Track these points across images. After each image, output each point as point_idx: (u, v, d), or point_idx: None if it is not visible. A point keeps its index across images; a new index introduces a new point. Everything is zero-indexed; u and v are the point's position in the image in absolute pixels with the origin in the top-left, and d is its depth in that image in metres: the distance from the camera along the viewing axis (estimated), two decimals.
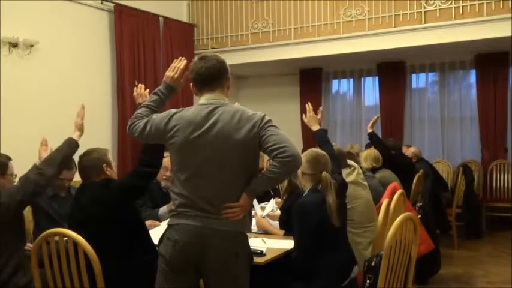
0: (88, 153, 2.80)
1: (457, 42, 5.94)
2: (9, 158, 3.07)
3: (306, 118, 3.41)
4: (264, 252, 2.76)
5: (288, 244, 2.93)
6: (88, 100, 6.03)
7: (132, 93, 2.73)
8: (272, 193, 4.55)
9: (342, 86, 8.15)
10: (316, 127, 3.33)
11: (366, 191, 3.58)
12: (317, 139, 3.32)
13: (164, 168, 3.56)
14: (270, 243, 3.02)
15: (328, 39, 6.63)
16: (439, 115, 7.33)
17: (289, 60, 7.04)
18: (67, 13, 5.81)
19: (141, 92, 2.65)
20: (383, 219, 3.10)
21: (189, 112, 2.24)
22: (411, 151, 6.15)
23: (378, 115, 5.51)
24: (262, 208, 3.92)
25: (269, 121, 2.19)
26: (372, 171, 4.68)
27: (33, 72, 5.42)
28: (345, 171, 3.47)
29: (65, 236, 2.36)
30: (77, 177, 4.24)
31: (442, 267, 4.70)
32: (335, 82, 8.14)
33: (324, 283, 2.65)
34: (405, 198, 3.56)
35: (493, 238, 6.31)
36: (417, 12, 6.14)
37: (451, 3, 5.95)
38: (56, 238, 2.39)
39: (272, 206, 3.99)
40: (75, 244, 2.32)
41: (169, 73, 2.43)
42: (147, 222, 3.27)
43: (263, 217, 3.61)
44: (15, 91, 5.18)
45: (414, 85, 7.60)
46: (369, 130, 5.12)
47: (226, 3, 7.42)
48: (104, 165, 2.76)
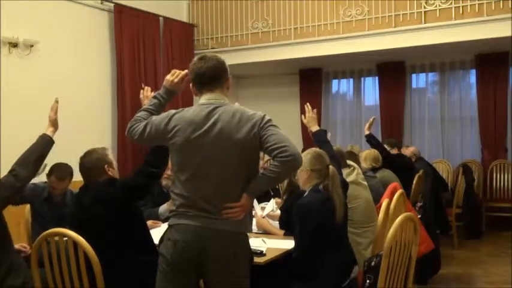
0: (88, 154, 2.78)
1: (457, 42, 5.93)
2: None
3: (305, 119, 3.41)
4: (264, 252, 2.76)
5: (288, 244, 2.93)
6: (88, 100, 6.11)
7: (132, 93, 2.74)
8: (272, 193, 4.56)
9: (342, 86, 8.15)
10: (315, 128, 3.33)
11: (366, 191, 3.58)
12: (316, 139, 3.32)
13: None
14: (270, 243, 3.02)
15: (328, 39, 6.63)
16: (439, 115, 7.33)
17: (289, 60, 7.03)
18: (67, 13, 5.81)
19: (148, 94, 2.65)
20: (383, 219, 3.10)
21: (189, 112, 2.24)
22: (410, 150, 6.15)
23: (374, 117, 5.42)
24: (262, 208, 3.92)
25: (269, 121, 2.19)
26: (372, 171, 4.69)
27: (33, 72, 5.42)
28: (345, 171, 3.47)
29: (65, 236, 2.36)
30: (75, 178, 4.23)
31: (442, 267, 4.70)
32: (335, 82, 8.14)
33: (324, 283, 2.65)
34: (405, 198, 3.57)
35: (493, 238, 6.31)
36: (417, 12, 6.14)
37: (451, 3, 5.94)
38: (56, 238, 2.39)
39: (272, 206, 3.99)
40: (75, 244, 2.32)
41: (169, 77, 2.44)
42: (148, 222, 3.28)
43: (263, 217, 3.62)
44: (15, 91, 5.18)
45: (414, 85, 7.59)
46: (366, 132, 5.13)
47: (226, 3, 7.42)
48: (106, 165, 2.75)
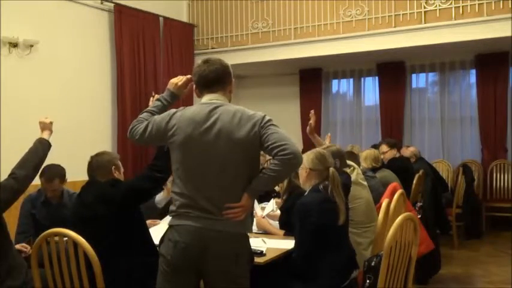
0: (100, 154, 2.84)
1: (457, 42, 5.93)
2: None
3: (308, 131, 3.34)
4: (264, 252, 2.76)
5: (288, 244, 2.93)
6: (88, 100, 6.11)
7: (132, 93, 2.74)
8: (274, 194, 4.53)
9: (342, 86, 8.15)
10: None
11: (366, 191, 3.58)
12: None
13: None
14: (270, 243, 3.02)
15: (328, 39, 6.62)
16: (439, 115, 7.32)
17: (289, 60, 7.03)
18: (67, 13, 5.81)
19: None
20: (383, 219, 3.10)
21: (190, 111, 2.25)
22: (410, 150, 6.15)
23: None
24: (262, 208, 3.91)
25: (269, 120, 2.20)
26: (372, 171, 4.68)
27: (33, 72, 5.42)
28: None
29: (65, 236, 2.36)
30: (77, 178, 4.22)
31: (442, 267, 4.70)
32: (335, 82, 8.14)
33: (324, 283, 2.65)
34: (405, 198, 3.57)
35: (493, 238, 6.31)
36: (417, 12, 6.13)
37: (451, 3, 5.94)
38: (56, 238, 2.39)
39: (272, 206, 3.99)
40: (75, 244, 2.32)
41: (173, 80, 2.49)
42: (148, 221, 3.27)
43: (263, 217, 3.62)
44: (15, 91, 5.18)
45: (414, 85, 7.59)
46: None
47: (226, 3, 7.42)
48: (113, 167, 2.79)
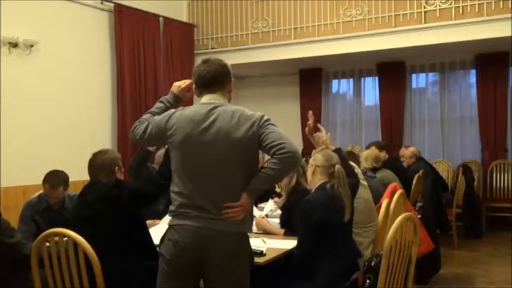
0: (103, 152, 2.80)
1: (457, 42, 5.94)
2: None
3: (316, 140, 3.20)
4: (264, 252, 2.75)
5: (288, 244, 2.93)
6: (88, 100, 6.11)
7: (132, 93, 2.75)
8: (274, 194, 4.51)
9: (342, 86, 8.16)
10: (332, 147, 3.07)
11: (366, 191, 3.58)
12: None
13: None
14: (270, 243, 3.02)
15: (328, 39, 6.63)
16: (439, 115, 7.33)
17: (289, 60, 7.04)
18: (67, 13, 5.81)
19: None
20: (383, 219, 3.10)
21: (189, 111, 2.26)
22: (410, 151, 6.15)
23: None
24: (261, 208, 3.91)
25: (268, 120, 2.20)
26: (372, 171, 4.69)
27: (33, 72, 5.42)
28: None
29: (65, 236, 2.36)
30: (79, 178, 4.22)
31: (442, 267, 4.70)
32: (335, 82, 8.15)
33: (323, 283, 2.63)
34: (405, 198, 3.57)
35: (493, 238, 6.31)
36: (417, 12, 6.14)
37: (451, 3, 5.95)
38: (56, 238, 2.39)
39: (271, 206, 3.99)
40: (75, 244, 2.32)
41: (177, 83, 2.51)
42: (148, 222, 3.27)
43: (263, 217, 3.61)
44: (15, 91, 5.18)
45: (414, 85, 7.60)
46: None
47: (226, 3, 7.42)
48: (116, 167, 2.76)
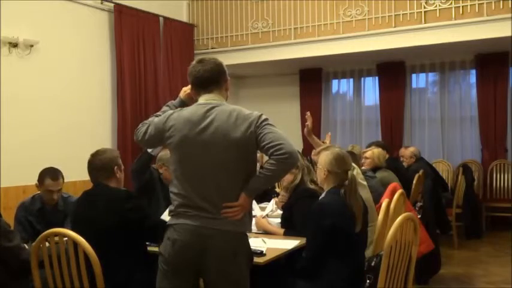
0: (101, 152, 2.70)
1: (457, 42, 5.93)
2: None
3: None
4: (264, 252, 2.75)
5: (288, 244, 2.93)
6: (88, 100, 6.10)
7: (132, 93, 2.75)
8: (274, 195, 4.51)
9: (342, 86, 8.15)
10: None
11: (366, 191, 3.57)
12: None
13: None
14: (270, 243, 3.01)
15: (328, 39, 6.63)
16: (439, 115, 7.33)
17: (289, 60, 7.03)
18: (67, 13, 5.81)
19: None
20: (383, 219, 3.09)
21: (187, 111, 2.27)
22: (410, 151, 6.15)
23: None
24: (262, 208, 3.91)
25: (266, 120, 2.20)
26: (372, 171, 4.68)
27: (33, 72, 5.41)
28: None
29: (65, 236, 2.36)
30: (77, 178, 4.22)
31: (442, 267, 4.69)
32: (335, 82, 8.15)
33: (325, 286, 2.60)
34: (405, 198, 3.57)
35: (493, 238, 6.30)
36: (417, 12, 6.14)
37: (451, 3, 5.94)
38: (56, 238, 2.39)
39: (272, 206, 3.99)
40: (75, 244, 2.32)
41: (185, 88, 2.52)
42: None
43: (263, 217, 3.61)
44: (15, 91, 5.18)
45: (414, 85, 7.60)
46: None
47: (226, 3, 7.42)
48: (116, 167, 2.69)
